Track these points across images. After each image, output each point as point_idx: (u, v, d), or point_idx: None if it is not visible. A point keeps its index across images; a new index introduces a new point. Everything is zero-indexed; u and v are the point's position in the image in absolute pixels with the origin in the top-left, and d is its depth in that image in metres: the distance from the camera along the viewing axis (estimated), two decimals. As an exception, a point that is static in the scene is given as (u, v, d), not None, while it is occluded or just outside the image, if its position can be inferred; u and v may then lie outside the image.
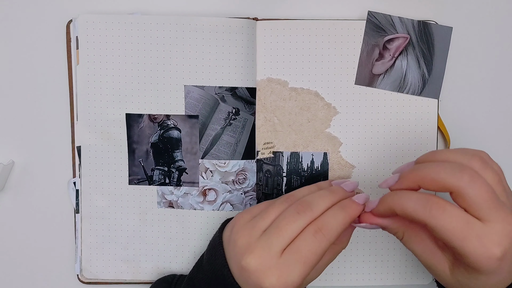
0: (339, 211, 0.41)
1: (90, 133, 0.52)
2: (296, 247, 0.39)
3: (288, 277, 0.38)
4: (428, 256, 0.40)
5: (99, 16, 0.51)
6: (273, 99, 0.51)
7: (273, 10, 0.52)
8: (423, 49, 0.50)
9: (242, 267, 0.40)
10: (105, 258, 0.53)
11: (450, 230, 0.34)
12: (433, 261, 0.39)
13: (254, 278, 0.39)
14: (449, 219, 0.34)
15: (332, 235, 0.39)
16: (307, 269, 0.39)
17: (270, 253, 0.39)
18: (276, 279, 0.38)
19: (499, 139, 0.52)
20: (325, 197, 0.42)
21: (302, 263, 0.38)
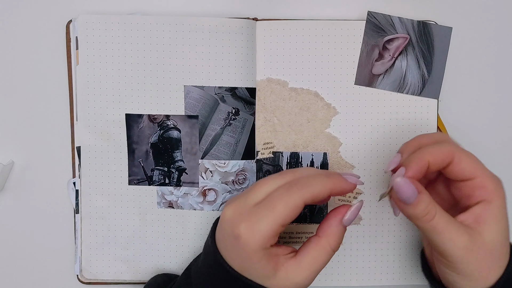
0: (322, 175, 0.41)
1: (90, 133, 0.52)
2: (269, 198, 0.40)
3: (256, 224, 0.39)
4: (462, 228, 0.39)
5: (99, 16, 0.51)
6: (273, 99, 0.51)
7: (273, 11, 0.52)
8: (423, 49, 0.50)
9: (221, 219, 0.41)
10: (105, 258, 0.53)
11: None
12: (468, 232, 0.40)
13: (228, 227, 0.40)
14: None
15: (308, 191, 0.40)
16: (276, 218, 0.39)
17: (245, 203, 0.40)
18: (245, 225, 0.39)
19: (499, 139, 0.52)
20: (312, 170, 0.43)
21: (270, 211, 0.39)
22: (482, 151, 0.52)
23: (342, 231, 0.42)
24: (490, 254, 0.40)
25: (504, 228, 0.40)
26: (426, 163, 0.40)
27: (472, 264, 0.40)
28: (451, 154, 0.40)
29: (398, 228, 0.52)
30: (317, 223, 0.52)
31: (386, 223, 0.52)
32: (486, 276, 0.40)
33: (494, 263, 0.40)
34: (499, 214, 0.40)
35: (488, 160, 0.52)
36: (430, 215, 0.39)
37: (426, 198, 0.39)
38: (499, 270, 0.40)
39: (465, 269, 0.40)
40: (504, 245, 0.41)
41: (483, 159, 0.52)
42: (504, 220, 0.40)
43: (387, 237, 0.52)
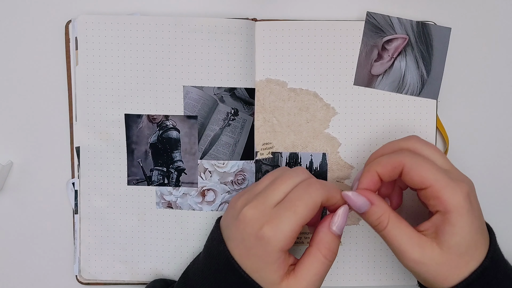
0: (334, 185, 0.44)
1: (89, 133, 0.52)
2: (288, 198, 0.41)
3: (279, 226, 0.40)
4: (414, 239, 0.41)
5: (98, 16, 0.51)
6: (272, 99, 0.51)
7: (272, 11, 0.52)
8: (422, 50, 0.50)
9: (239, 219, 0.41)
10: (103, 258, 0.53)
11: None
12: (420, 243, 0.40)
13: (249, 228, 0.40)
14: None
15: (325, 190, 0.42)
16: (298, 219, 0.40)
17: (265, 204, 0.41)
18: (269, 226, 0.40)
19: (498, 139, 0.53)
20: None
21: (292, 211, 0.40)
22: (481, 151, 0.53)
23: (333, 239, 0.42)
24: (449, 262, 0.40)
25: (467, 234, 0.40)
26: (375, 174, 0.42)
27: (424, 274, 0.41)
28: (400, 164, 0.41)
29: (397, 229, 0.52)
30: (316, 223, 0.52)
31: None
32: (443, 281, 0.40)
33: (456, 270, 0.40)
34: (459, 223, 0.39)
35: (487, 160, 0.53)
36: (382, 225, 0.41)
37: (377, 210, 0.41)
38: (463, 275, 0.40)
39: (419, 276, 0.41)
40: (469, 251, 0.40)
41: (482, 159, 0.53)
42: (467, 227, 0.40)
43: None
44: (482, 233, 0.41)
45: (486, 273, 0.40)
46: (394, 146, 0.44)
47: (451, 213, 0.39)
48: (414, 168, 0.41)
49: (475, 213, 0.40)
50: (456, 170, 0.43)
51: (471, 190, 0.41)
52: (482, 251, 0.41)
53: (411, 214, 0.51)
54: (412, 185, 0.42)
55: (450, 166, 0.43)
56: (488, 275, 0.40)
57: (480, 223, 0.41)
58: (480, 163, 0.52)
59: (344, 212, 0.42)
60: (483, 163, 0.52)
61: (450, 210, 0.39)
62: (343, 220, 0.42)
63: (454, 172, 0.42)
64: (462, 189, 0.40)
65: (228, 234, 0.42)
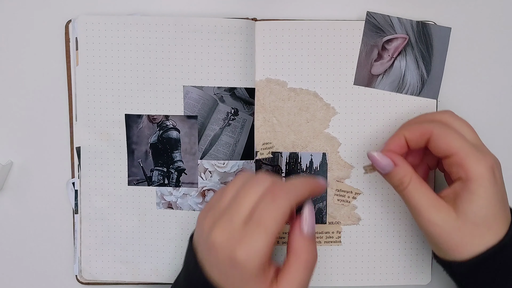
0: (299, 180, 0.42)
1: (90, 133, 0.52)
2: (257, 215, 0.39)
3: (252, 246, 0.38)
4: (433, 202, 0.42)
5: (98, 17, 0.51)
6: (272, 99, 0.51)
7: (272, 11, 0.52)
8: (422, 50, 0.50)
9: (209, 244, 0.39)
10: (104, 259, 0.53)
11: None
12: (437, 206, 0.42)
13: (221, 253, 0.39)
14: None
15: (293, 196, 0.40)
16: (270, 236, 0.38)
17: (233, 224, 0.39)
18: (241, 249, 0.38)
19: (498, 139, 0.52)
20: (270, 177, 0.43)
21: (263, 229, 0.38)
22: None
23: (308, 242, 0.41)
24: (463, 229, 0.41)
25: (485, 205, 0.40)
26: (402, 138, 0.44)
27: (438, 237, 0.42)
28: (428, 131, 0.43)
29: (397, 228, 0.52)
30: (316, 224, 0.52)
31: (386, 223, 0.52)
32: (455, 249, 0.41)
33: (469, 239, 0.41)
34: (478, 192, 0.40)
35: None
36: (403, 186, 0.43)
37: (400, 171, 0.43)
38: (477, 248, 0.41)
39: (432, 239, 0.43)
40: (486, 223, 0.41)
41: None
42: (486, 197, 0.40)
43: (386, 237, 0.52)
44: (503, 210, 0.41)
45: (504, 252, 0.41)
46: (428, 117, 0.46)
47: (472, 181, 0.40)
48: (442, 136, 0.42)
49: (497, 187, 0.41)
50: (484, 147, 0.43)
51: (496, 165, 0.41)
52: (500, 228, 0.41)
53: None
54: (438, 153, 0.43)
55: (479, 142, 0.44)
56: (506, 255, 0.41)
57: (501, 199, 0.41)
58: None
59: (310, 210, 0.42)
60: (484, 163, 0.52)
61: (471, 178, 0.40)
62: (312, 219, 0.42)
63: (482, 147, 0.43)
64: (487, 160, 0.41)
65: (202, 256, 0.41)
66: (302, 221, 0.41)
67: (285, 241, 0.52)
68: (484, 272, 0.41)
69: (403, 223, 0.52)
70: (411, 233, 0.52)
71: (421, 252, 0.52)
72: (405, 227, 0.52)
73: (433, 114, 0.46)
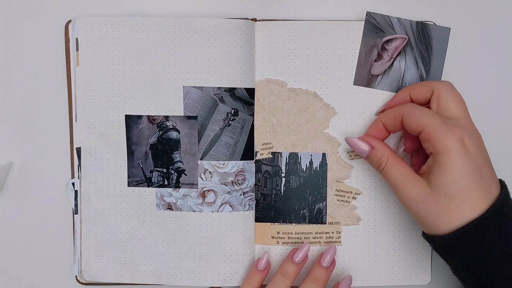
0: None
1: (90, 134, 0.52)
2: None
3: None
4: (409, 178, 0.44)
5: (99, 18, 0.51)
6: (272, 99, 0.51)
7: (272, 11, 0.52)
8: (421, 50, 0.50)
9: None
10: (104, 260, 0.53)
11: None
12: (412, 182, 0.44)
13: None
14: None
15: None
16: None
17: None
18: None
19: (498, 139, 0.52)
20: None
21: None
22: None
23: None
24: (438, 202, 0.42)
25: (455, 176, 0.41)
26: (379, 123, 0.48)
27: (417, 213, 0.43)
28: (400, 113, 0.45)
29: (397, 229, 0.52)
30: (316, 224, 0.52)
31: (385, 223, 0.52)
32: (434, 222, 0.42)
33: (446, 212, 0.41)
34: (446, 163, 0.41)
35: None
36: (381, 166, 0.46)
37: (377, 153, 0.46)
38: (455, 221, 0.41)
39: (414, 215, 0.44)
40: (460, 194, 0.41)
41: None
42: (455, 168, 0.41)
43: (386, 238, 0.52)
44: (479, 182, 0.41)
45: (486, 226, 0.40)
46: (425, 84, 0.47)
47: (440, 154, 0.41)
48: (410, 115, 0.44)
49: (469, 157, 0.41)
50: (464, 120, 0.44)
51: (468, 137, 0.42)
52: (478, 201, 0.41)
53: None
54: (412, 132, 0.45)
55: (461, 116, 0.44)
56: (488, 229, 0.40)
57: (476, 170, 0.41)
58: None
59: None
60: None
61: (439, 151, 0.42)
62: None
63: (460, 121, 0.44)
64: (454, 132, 0.42)
65: None
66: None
67: (285, 241, 0.52)
68: (466, 247, 0.41)
69: (403, 223, 0.52)
70: (411, 233, 0.52)
71: (421, 252, 0.52)
72: (404, 227, 0.52)
73: (430, 82, 0.47)
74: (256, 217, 0.52)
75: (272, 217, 0.52)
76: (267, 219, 0.52)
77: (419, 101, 0.47)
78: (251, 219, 0.52)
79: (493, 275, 0.40)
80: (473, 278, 0.42)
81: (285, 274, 0.49)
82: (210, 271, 0.52)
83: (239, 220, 0.52)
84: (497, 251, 0.40)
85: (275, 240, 0.52)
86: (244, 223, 0.52)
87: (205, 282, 0.52)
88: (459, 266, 0.43)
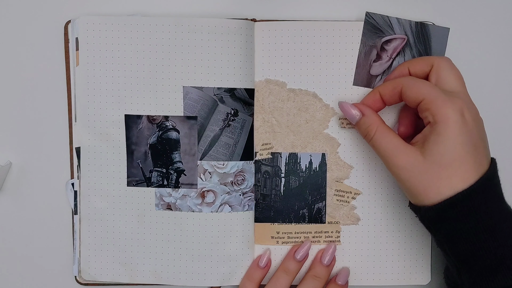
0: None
1: (89, 134, 0.52)
2: None
3: None
4: (399, 147, 0.44)
5: (99, 17, 0.51)
6: (271, 100, 0.51)
7: (271, 11, 0.52)
8: (421, 50, 0.50)
9: None
10: (103, 260, 0.53)
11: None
12: (404, 150, 0.43)
13: None
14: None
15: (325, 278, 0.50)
16: None
17: None
18: None
19: (497, 139, 0.52)
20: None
21: None
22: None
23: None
24: (430, 171, 0.41)
25: (451, 146, 0.41)
26: (377, 93, 0.47)
27: (407, 181, 0.43)
28: (399, 84, 0.45)
29: (397, 228, 0.52)
30: (315, 223, 0.52)
31: (385, 223, 0.52)
32: (423, 192, 0.42)
33: (437, 181, 0.41)
34: (444, 132, 0.41)
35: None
36: (369, 135, 0.46)
37: (367, 120, 0.46)
38: (445, 192, 0.41)
39: (403, 184, 0.44)
40: (453, 164, 0.41)
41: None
42: (452, 138, 0.41)
43: (386, 237, 0.52)
44: (473, 155, 0.41)
45: (473, 198, 0.41)
46: (425, 59, 0.47)
47: (438, 123, 0.41)
48: (410, 86, 0.44)
49: (466, 129, 0.41)
50: (463, 94, 0.44)
51: (468, 109, 0.42)
52: (469, 172, 0.41)
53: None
54: (410, 103, 0.44)
55: (460, 90, 0.44)
56: (475, 201, 0.41)
57: (472, 143, 0.41)
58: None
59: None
60: (483, 163, 0.52)
61: (438, 120, 0.41)
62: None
63: (460, 94, 0.44)
64: (454, 103, 0.42)
65: None
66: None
67: (285, 241, 0.52)
68: (452, 218, 0.41)
69: (403, 223, 0.52)
70: (411, 233, 0.52)
71: (420, 252, 0.52)
72: (404, 227, 0.52)
73: (430, 57, 0.47)
74: (256, 217, 0.52)
75: (272, 217, 0.52)
76: (266, 219, 0.52)
77: (418, 75, 0.47)
78: (250, 219, 0.52)
79: (476, 247, 0.41)
80: (456, 250, 0.42)
81: (287, 271, 0.50)
82: (209, 271, 0.52)
83: (239, 221, 0.52)
84: (482, 223, 0.41)
85: (274, 240, 0.52)
86: (243, 223, 0.52)
87: (204, 282, 0.52)
88: (444, 237, 0.43)
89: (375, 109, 0.48)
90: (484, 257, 0.41)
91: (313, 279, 0.50)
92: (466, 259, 0.42)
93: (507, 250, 0.40)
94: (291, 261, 0.51)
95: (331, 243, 0.52)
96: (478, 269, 0.41)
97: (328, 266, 0.51)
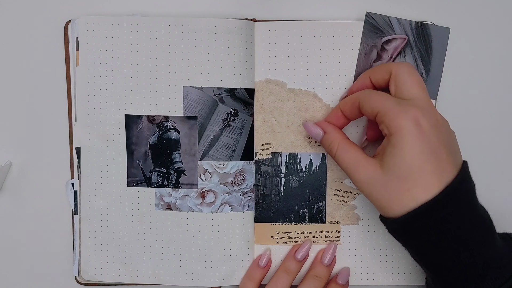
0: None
1: (89, 134, 0.52)
2: None
3: None
4: (360, 161, 0.44)
5: (99, 17, 0.51)
6: (271, 100, 0.51)
7: (271, 11, 0.52)
8: (421, 50, 0.50)
9: None
10: (103, 260, 0.53)
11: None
12: (364, 164, 0.43)
13: None
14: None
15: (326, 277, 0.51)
16: None
17: None
18: None
19: (497, 139, 0.53)
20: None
21: None
22: (480, 151, 0.53)
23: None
24: (390, 184, 0.41)
25: (408, 157, 0.40)
26: (338, 110, 0.48)
27: (370, 195, 0.43)
28: (356, 99, 0.45)
29: (397, 229, 0.52)
30: (316, 223, 0.52)
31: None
32: (387, 205, 0.41)
33: (398, 194, 0.41)
34: (399, 144, 0.40)
35: (487, 160, 0.53)
36: (332, 151, 0.46)
37: (328, 137, 0.47)
38: (408, 204, 0.40)
39: (369, 198, 0.43)
40: (412, 176, 0.40)
41: (481, 158, 0.53)
42: (407, 149, 0.40)
43: (386, 237, 0.52)
44: (434, 164, 0.40)
45: (438, 209, 0.40)
46: (384, 66, 0.46)
47: (393, 135, 0.41)
48: (366, 99, 0.44)
49: (423, 137, 0.40)
50: (421, 101, 0.43)
51: (423, 116, 0.41)
52: (431, 183, 0.40)
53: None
54: (368, 116, 0.44)
55: (419, 96, 0.43)
56: (440, 213, 0.40)
57: (430, 150, 0.40)
58: (479, 162, 0.52)
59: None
60: (482, 162, 0.52)
61: (392, 132, 0.41)
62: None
63: (417, 101, 0.42)
64: (407, 112, 0.41)
65: None
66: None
67: (285, 241, 0.52)
68: (418, 230, 0.40)
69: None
70: (411, 233, 0.52)
71: (420, 252, 0.52)
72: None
73: (389, 64, 0.46)
74: (256, 217, 0.52)
75: (272, 217, 0.52)
76: (266, 219, 0.52)
77: (380, 83, 0.46)
78: (250, 219, 0.52)
79: (446, 258, 0.40)
80: (427, 262, 0.42)
81: (288, 271, 0.50)
82: (210, 271, 0.52)
83: (239, 221, 0.52)
84: (449, 235, 0.40)
85: (274, 240, 0.52)
86: (243, 224, 0.52)
87: (204, 282, 0.52)
88: (412, 249, 0.43)
89: (340, 125, 0.48)
90: (455, 268, 0.40)
91: (314, 279, 0.50)
92: (438, 270, 0.41)
93: (478, 258, 0.40)
94: (291, 261, 0.51)
95: (331, 243, 0.52)
96: (451, 280, 0.41)
97: (329, 266, 0.50)
